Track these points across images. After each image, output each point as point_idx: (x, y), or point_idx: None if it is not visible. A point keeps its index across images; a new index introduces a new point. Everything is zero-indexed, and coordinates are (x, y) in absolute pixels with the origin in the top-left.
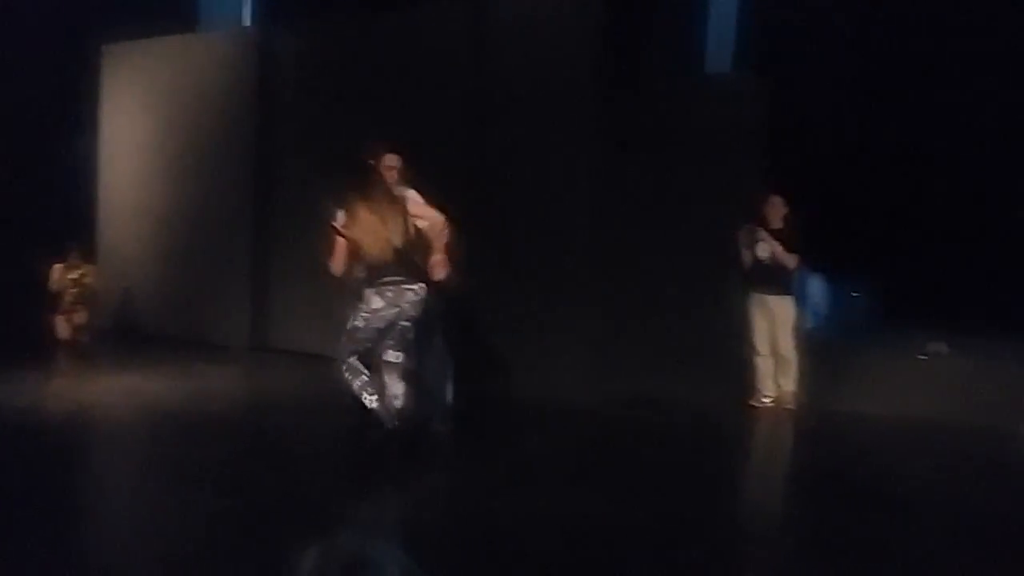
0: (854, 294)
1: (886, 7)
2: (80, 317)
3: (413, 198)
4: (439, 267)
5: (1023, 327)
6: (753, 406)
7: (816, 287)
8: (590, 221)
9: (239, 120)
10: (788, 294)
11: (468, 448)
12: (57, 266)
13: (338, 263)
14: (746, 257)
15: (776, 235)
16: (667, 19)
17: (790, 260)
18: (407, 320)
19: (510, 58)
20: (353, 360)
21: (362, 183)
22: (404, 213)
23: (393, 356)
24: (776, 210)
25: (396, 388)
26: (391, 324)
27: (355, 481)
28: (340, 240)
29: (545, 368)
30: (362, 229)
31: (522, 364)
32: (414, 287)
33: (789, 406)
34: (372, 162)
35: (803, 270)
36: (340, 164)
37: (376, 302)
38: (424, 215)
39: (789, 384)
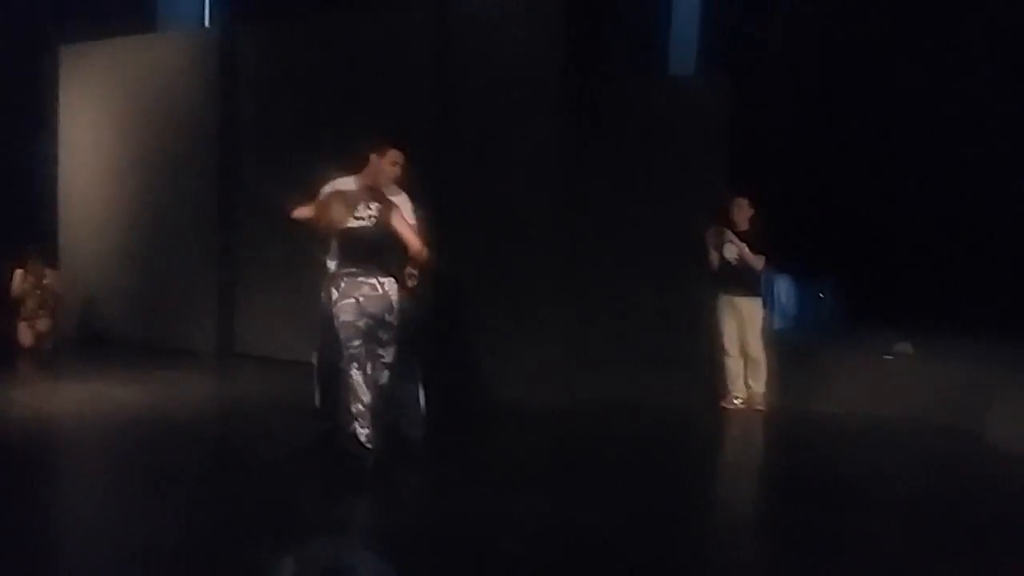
0: (820, 295)
1: (849, 7)
2: (43, 324)
3: (403, 206)
4: (410, 279)
5: (987, 327)
6: (724, 407)
7: (784, 288)
8: (558, 224)
9: (201, 121)
10: (756, 295)
11: (440, 453)
12: (18, 271)
13: (300, 212)
14: (713, 259)
15: (743, 236)
16: (630, 21)
17: (757, 261)
18: (371, 318)
19: (473, 59)
20: (357, 377)
21: (356, 171)
22: (387, 215)
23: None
24: (742, 212)
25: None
26: (361, 319)
27: (326, 487)
28: (312, 207)
29: (515, 371)
30: (338, 210)
31: (492, 367)
32: (375, 282)
33: (759, 407)
34: (374, 155)
35: (770, 271)
36: (308, 162)
37: (334, 293)
38: (406, 234)
39: (759, 385)
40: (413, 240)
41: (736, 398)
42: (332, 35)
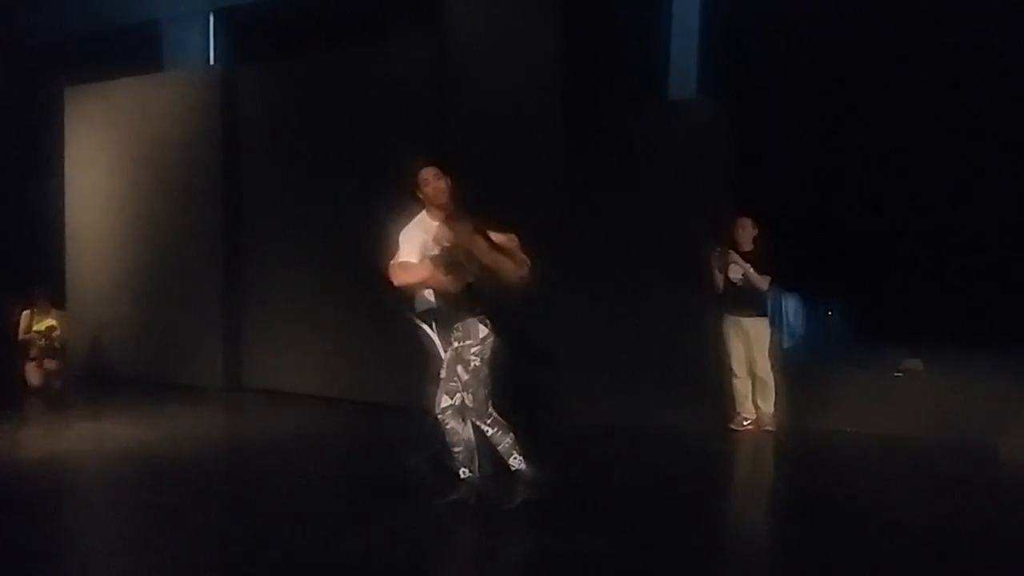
0: (829, 313)
1: (848, 30)
2: (51, 364)
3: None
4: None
5: (997, 341)
6: (733, 429)
7: (791, 307)
8: (560, 248)
9: (206, 159)
10: (763, 315)
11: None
12: (25, 313)
13: (407, 278)
14: (719, 280)
15: (747, 257)
16: (629, 46)
17: (762, 282)
18: (478, 360)
19: (474, 87)
20: (456, 423)
21: (419, 210)
22: (477, 245)
23: (493, 409)
24: (746, 232)
25: (506, 443)
26: (467, 367)
27: (338, 525)
28: (420, 270)
29: (520, 395)
30: (447, 260)
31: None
32: (481, 324)
33: (768, 428)
34: (418, 188)
35: (777, 291)
36: (312, 197)
37: (462, 338)
38: (499, 261)
39: (768, 406)
40: (508, 264)
41: (745, 419)
42: (333, 70)
